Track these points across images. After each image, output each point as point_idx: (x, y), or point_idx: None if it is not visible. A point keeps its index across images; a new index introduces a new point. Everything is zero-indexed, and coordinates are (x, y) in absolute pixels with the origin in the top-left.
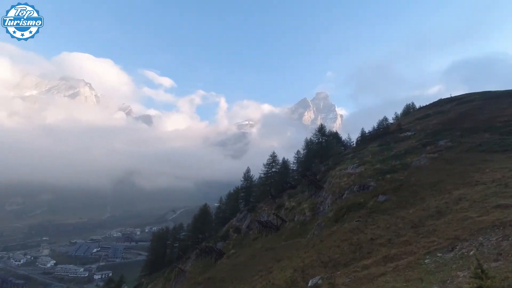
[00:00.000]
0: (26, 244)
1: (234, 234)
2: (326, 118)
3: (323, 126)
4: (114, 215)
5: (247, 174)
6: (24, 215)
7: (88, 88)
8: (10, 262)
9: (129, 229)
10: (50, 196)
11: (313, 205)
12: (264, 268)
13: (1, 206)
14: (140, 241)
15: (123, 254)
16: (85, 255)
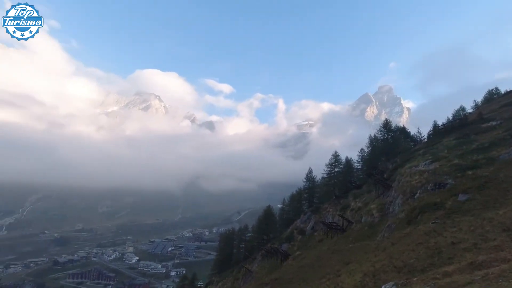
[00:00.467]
0: (114, 242)
1: (299, 235)
2: (391, 112)
3: (389, 121)
4: (185, 217)
5: (309, 175)
6: (112, 216)
7: (158, 100)
8: (103, 257)
9: (199, 230)
10: (132, 199)
11: (382, 206)
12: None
13: (95, 208)
14: (209, 241)
15: (194, 253)
16: (162, 253)
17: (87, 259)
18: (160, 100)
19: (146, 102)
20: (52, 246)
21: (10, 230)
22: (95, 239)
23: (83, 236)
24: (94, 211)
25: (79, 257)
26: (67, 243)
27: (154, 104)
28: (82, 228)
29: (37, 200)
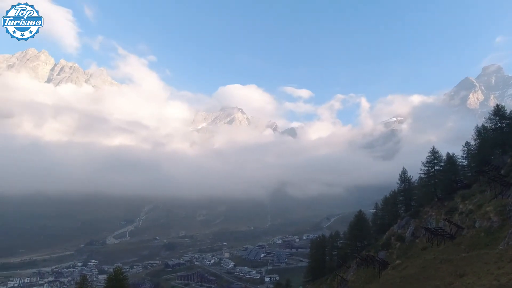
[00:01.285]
0: (212, 247)
1: (397, 242)
2: (502, 96)
3: (501, 106)
4: (274, 223)
5: (403, 176)
6: (208, 224)
7: (240, 113)
8: (204, 261)
9: (289, 237)
10: (224, 207)
11: (501, 208)
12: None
13: (193, 217)
14: (299, 248)
15: (286, 259)
16: (255, 259)
17: (190, 263)
18: (242, 112)
19: (230, 116)
20: (163, 250)
21: (131, 236)
22: (196, 245)
23: (186, 242)
24: (193, 219)
25: (184, 261)
26: (174, 248)
27: (238, 116)
28: (185, 235)
29: (149, 210)
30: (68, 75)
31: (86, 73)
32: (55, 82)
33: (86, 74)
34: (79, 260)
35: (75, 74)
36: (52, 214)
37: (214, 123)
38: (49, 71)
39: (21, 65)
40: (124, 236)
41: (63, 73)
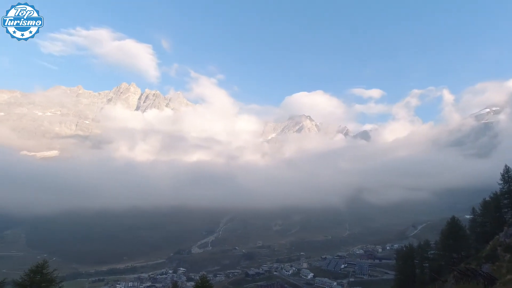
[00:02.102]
0: (290, 257)
1: (506, 254)
2: None
3: None
4: (353, 232)
5: (506, 175)
6: (284, 233)
7: (308, 120)
8: (283, 272)
9: (370, 246)
10: (300, 217)
11: None
12: None
13: (270, 227)
14: (383, 259)
15: (369, 271)
16: (335, 270)
17: (269, 273)
18: (311, 119)
19: (299, 124)
20: (243, 260)
21: (213, 246)
22: (273, 254)
23: (264, 252)
24: (269, 229)
25: (264, 270)
26: (252, 257)
27: (306, 124)
28: (262, 245)
29: (227, 221)
30: (152, 102)
31: (166, 98)
32: (142, 109)
33: (166, 99)
34: (170, 267)
35: (157, 100)
36: (146, 226)
37: (283, 133)
38: (137, 100)
39: (117, 98)
40: (206, 246)
41: (148, 101)
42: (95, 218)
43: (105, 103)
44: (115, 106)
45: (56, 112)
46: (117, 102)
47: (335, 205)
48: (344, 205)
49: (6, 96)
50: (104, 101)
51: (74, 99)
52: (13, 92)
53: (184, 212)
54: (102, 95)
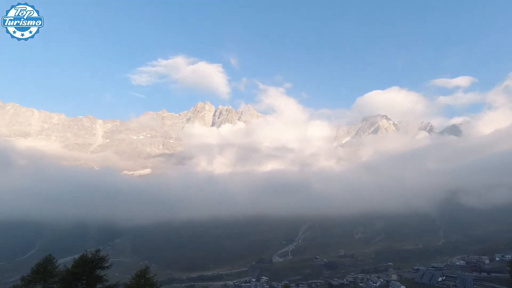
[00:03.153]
0: (376, 268)
1: None
2: None
3: None
4: (449, 241)
5: None
6: (368, 242)
7: (385, 119)
8: (369, 283)
9: (474, 257)
10: (383, 224)
11: None
12: None
13: (351, 235)
14: (492, 272)
15: (475, 286)
16: (430, 283)
17: (355, 284)
18: (387, 118)
19: (374, 125)
20: (324, 269)
21: (293, 255)
22: (357, 264)
23: (346, 262)
24: (350, 238)
25: (348, 281)
26: (335, 267)
27: (382, 124)
28: (344, 254)
29: (306, 230)
30: (225, 117)
31: (238, 112)
32: (217, 125)
33: (238, 113)
34: (252, 276)
35: (230, 115)
36: (228, 235)
37: (357, 136)
38: (212, 116)
39: (194, 116)
40: (287, 255)
41: (221, 116)
42: (183, 227)
43: (185, 123)
44: (193, 124)
45: (146, 135)
46: (195, 120)
47: (424, 210)
48: (436, 210)
49: (109, 125)
50: (184, 121)
51: (160, 121)
52: (115, 122)
53: (262, 221)
54: (182, 115)
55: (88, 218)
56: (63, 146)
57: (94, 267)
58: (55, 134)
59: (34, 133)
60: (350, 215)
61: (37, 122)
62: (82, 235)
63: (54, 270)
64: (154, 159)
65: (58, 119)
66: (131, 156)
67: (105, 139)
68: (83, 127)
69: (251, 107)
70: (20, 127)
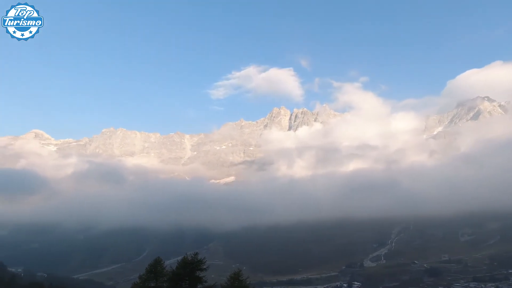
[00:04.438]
0: (493, 276)
1: None
2: None
3: None
4: None
5: None
6: (478, 245)
7: (487, 102)
8: None
9: None
10: (498, 224)
11: None
12: None
13: (455, 237)
14: None
15: None
16: None
17: None
18: (490, 100)
19: (473, 110)
20: (426, 276)
21: (386, 259)
22: (467, 271)
23: (453, 268)
24: (455, 240)
25: None
26: (438, 274)
27: (484, 107)
28: (448, 259)
29: (399, 232)
30: (301, 120)
31: (313, 113)
32: (294, 128)
33: (313, 114)
34: (343, 281)
35: (305, 117)
36: (314, 239)
37: (452, 124)
38: (288, 121)
39: (271, 122)
40: (379, 259)
41: (297, 119)
42: (269, 232)
43: (262, 129)
44: (271, 130)
45: (228, 144)
46: (272, 126)
47: None
48: None
49: (195, 139)
50: (261, 128)
51: (239, 131)
52: (199, 135)
53: (349, 224)
54: (259, 122)
55: (185, 224)
56: (160, 161)
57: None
58: (153, 151)
59: (138, 152)
60: (451, 214)
61: (139, 142)
62: (181, 239)
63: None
64: (236, 167)
65: (154, 138)
66: (216, 166)
67: (193, 151)
68: (174, 143)
69: (327, 106)
70: (127, 148)
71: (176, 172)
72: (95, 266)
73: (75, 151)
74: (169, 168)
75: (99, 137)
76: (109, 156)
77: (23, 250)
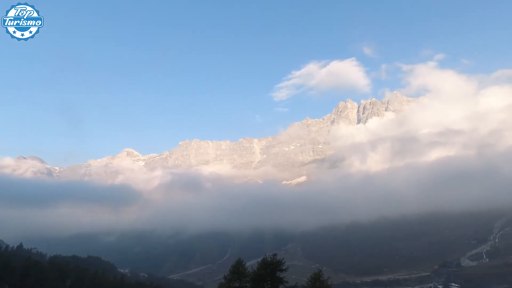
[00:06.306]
0: None
1: None
2: None
3: None
4: None
5: None
6: None
7: None
8: None
9: None
10: None
11: None
12: None
13: None
14: None
15: None
16: None
17: None
18: None
19: None
20: None
21: (489, 258)
22: None
23: None
24: None
25: None
26: None
27: None
28: None
29: (503, 225)
30: (370, 111)
31: (383, 102)
32: (363, 121)
33: (383, 103)
34: (438, 282)
35: (375, 107)
36: (398, 236)
37: None
38: (356, 114)
39: (338, 117)
40: (481, 257)
41: (366, 111)
42: (348, 230)
43: (330, 126)
44: (338, 125)
45: (296, 144)
46: (339, 121)
47: None
48: None
49: (263, 142)
50: (328, 124)
51: (306, 129)
52: (267, 138)
53: (439, 219)
54: (325, 119)
55: (262, 226)
56: (232, 167)
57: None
58: (226, 158)
59: (212, 160)
60: None
61: (212, 151)
62: (260, 241)
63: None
64: (307, 166)
65: (225, 145)
66: (286, 167)
67: (262, 155)
68: (244, 148)
69: (398, 93)
70: (202, 157)
71: (248, 176)
72: (185, 267)
73: (159, 164)
74: (242, 173)
75: (177, 149)
76: (188, 166)
77: (128, 254)
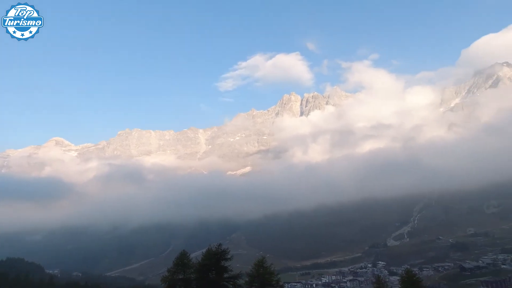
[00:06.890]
0: None
1: None
2: None
3: None
4: None
5: None
6: (505, 216)
7: (506, 67)
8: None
9: None
10: None
11: None
12: None
13: (480, 210)
14: None
15: None
16: None
17: (494, 266)
18: (509, 65)
19: (492, 77)
20: (452, 251)
21: (410, 237)
22: (495, 244)
23: (480, 241)
24: (480, 213)
25: (485, 263)
26: (466, 248)
27: (503, 74)
28: (474, 233)
29: (421, 209)
30: (313, 104)
31: (324, 96)
32: (306, 114)
33: (324, 97)
34: (368, 261)
35: (317, 101)
36: (336, 222)
37: (470, 94)
38: (299, 106)
39: (282, 110)
40: (403, 237)
41: (308, 104)
42: (291, 218)
43: (274, 117)
44: (282, 117)
45: (241, 135)
46: (283, 113)
47: None
48: None
49: (209, 133)
50: (273, 116)
51: (251, 121)
52: (212, 128)
53: (370, 205)
54: (270, 111)
55: (207, 217)
56: (177, 157)
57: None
58: (169, 148)
59: (154, 150)
60: (475, 187)
61: (154, 141)
62: (205, 232)
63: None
64: (252, 157)
65: (169, 135)
66: (231, 158)
67: (208, 145)
68: (189, 138)
69: (338, 88)
70: (144, 147)
71: (193, 167)
72: (126, 263)
73: (94, 155)
74: (186, 164)
75: (115, 139)
76: (128, 157)
77: (58, 253)
